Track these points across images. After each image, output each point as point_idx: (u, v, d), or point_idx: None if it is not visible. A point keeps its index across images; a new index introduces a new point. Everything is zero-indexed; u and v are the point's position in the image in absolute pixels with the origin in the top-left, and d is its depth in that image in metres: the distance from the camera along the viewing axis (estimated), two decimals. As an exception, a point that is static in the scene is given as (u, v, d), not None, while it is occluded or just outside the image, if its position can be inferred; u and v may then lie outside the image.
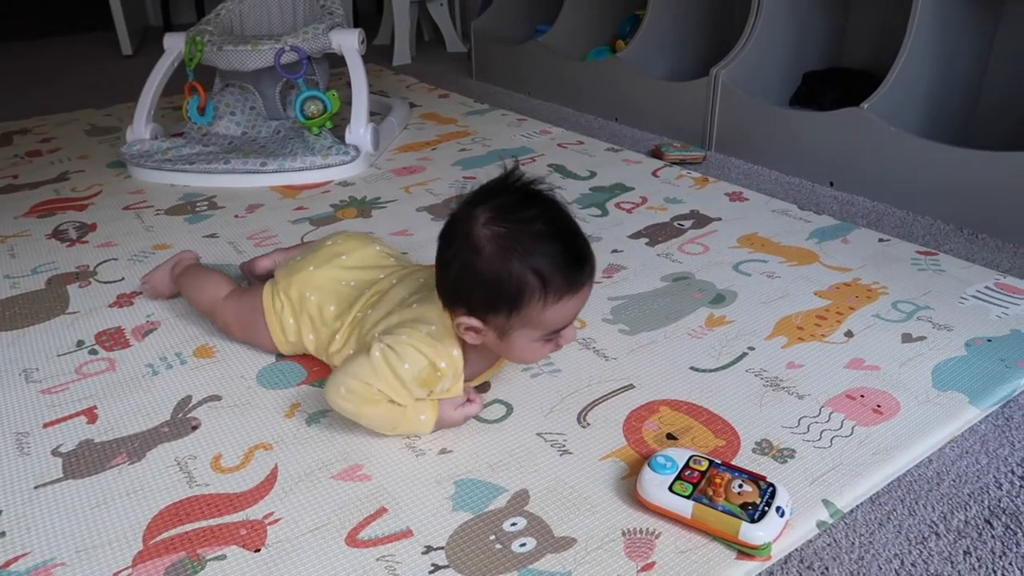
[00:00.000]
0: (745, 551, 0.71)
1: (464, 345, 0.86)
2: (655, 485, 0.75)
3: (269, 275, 1.08)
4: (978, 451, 0.85)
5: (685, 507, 0.73)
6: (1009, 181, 1.29)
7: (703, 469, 0.76)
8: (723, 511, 0.72)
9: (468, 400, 0.89)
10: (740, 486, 0.74)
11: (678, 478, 0.75)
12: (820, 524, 0.75)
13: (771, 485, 0.75)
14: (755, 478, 0.75)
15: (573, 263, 0.80)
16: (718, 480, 0.75)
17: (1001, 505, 0.77)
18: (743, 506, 0.72)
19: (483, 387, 0.96)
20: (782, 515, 0.72)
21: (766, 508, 0.72)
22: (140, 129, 1.80)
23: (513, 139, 1.91)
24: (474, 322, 0.82)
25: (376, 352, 0.83)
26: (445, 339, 0.85)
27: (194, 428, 0.92)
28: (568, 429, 0.88)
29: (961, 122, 1.65)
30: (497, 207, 0.80)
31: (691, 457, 0.78)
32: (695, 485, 0.75)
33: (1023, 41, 1.57)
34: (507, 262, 0.78)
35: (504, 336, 0.83)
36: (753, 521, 0.71)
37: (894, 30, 1.52)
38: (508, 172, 0.83)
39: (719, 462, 0.78)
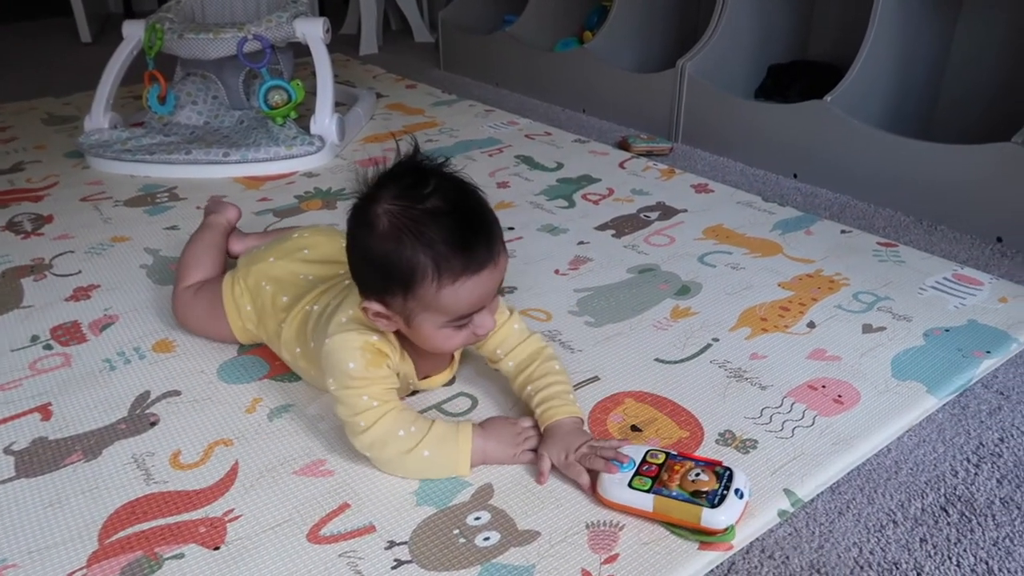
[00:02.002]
0: (709, 539, 0.72)
1: (402, 338, 0.84)
2: (614, 483, 0.75)
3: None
4: (935, 439, 0.86)
5: (646, 501, 0.73)
6: (967, 174, 1.32)
7: (660, 462, 0.77)
8: (683, 500, 0.72)
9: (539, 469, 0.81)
10: (697, 474, 0.74)
11: (636, 473, 0.76)
12: (781, 513, 0.76)
13: (728, 469, 0.75)
14: (711, 464, 0.76)
15: (468, 242, 0.75)
16: (676, 470, 0.75)
17: (957, 492, 0.79)
18: (702, 493, 0.73)
19: (450, 380, 0.95)
20: (741, 497, 0.73)
21: (725, 492, 0.73)
22: (99, 118, 1.76)
23: (480, 130, 1.90)
24: (377, 306, 0.79)
25: (332, 387, 0.81)
26: (363, 326, 0.82)
27: (152, 424, 0.90)
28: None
29: (922, 116, 1.68)
30: (396, 187, 0.76)
31: (648, 451, 0.78)
32: (654, 479, 0.75)
33: (982, 37, 1.60)
34: (397, 241, 0.74)
35: (409, 322, 0.78)
36: (714, 506, 0.71)
37: (858, 24, 1.53)
38: (411, 152, 0.79)
39: (675, 453, 0.78)
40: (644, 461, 0.77)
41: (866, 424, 0.87)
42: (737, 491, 0.73)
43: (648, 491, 0.74)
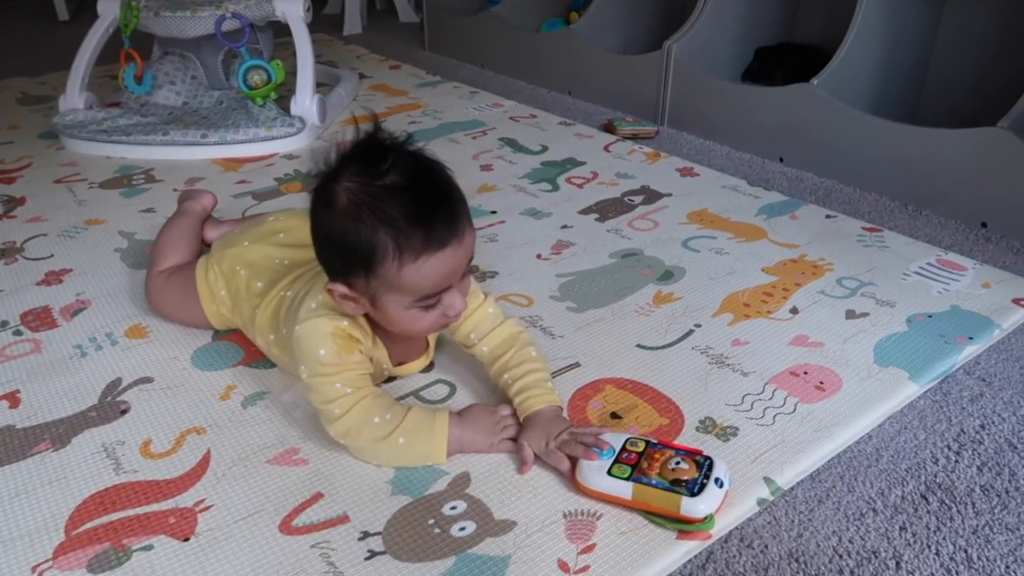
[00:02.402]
0: (688, 528, 0.71)
1: (374, 323, 0.82)
2: (593, 471, 0.74)
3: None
4: (916, 427, 0.86)
5: (625, 489, 0.72)
6: (953, 158, 1.31)
7: (640, 450, 0.76)
8: (663, 488, 0.71)
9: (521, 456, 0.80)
10: (677, 463, 0.73)
11: (616, 461, 0.75)
12: (761, 502, 0.75)
13: (708, 458, 0.74)
14: (692, 453, 0.75)
15: (429, 217, 0.72)
16: (656, 458, 0.74)
17: (937, 480, 0.78)
18: (682, 481, 0.72)
19: (427, 367, 0.94)
20: (721, 486, 0.72)
21: (704, 481, 0.72)
22: (74, 98, 1.72)
23: (465, 112, 1.87)
24: (342, 288, 0.77)
25: (304, 375, 0.79)
26: (333, 311, 0.80)
27: (123, 412, 0.88)
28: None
29: (908, 100, 1.66)
30: (356, 164, 0.74)
31: (628, 440, 0.77)
32: (633, 466, 0.74)
33: (969, 21, 1.58)
34: (356, 219, 0.72)
35: (375, 303, 0.76)
36: (693, 495, 0.71)
37: (845, 7, 1.51)
38: (372, 129, 0.76)
39: (655, 441, 0.77)
40: (624, 449, 0.76)
41: (847, 411, 0.86)
42: (717, 480, 0.72)
43: (627, 479, 0.73)
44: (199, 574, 0.68)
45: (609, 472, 0.74)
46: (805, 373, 0.92)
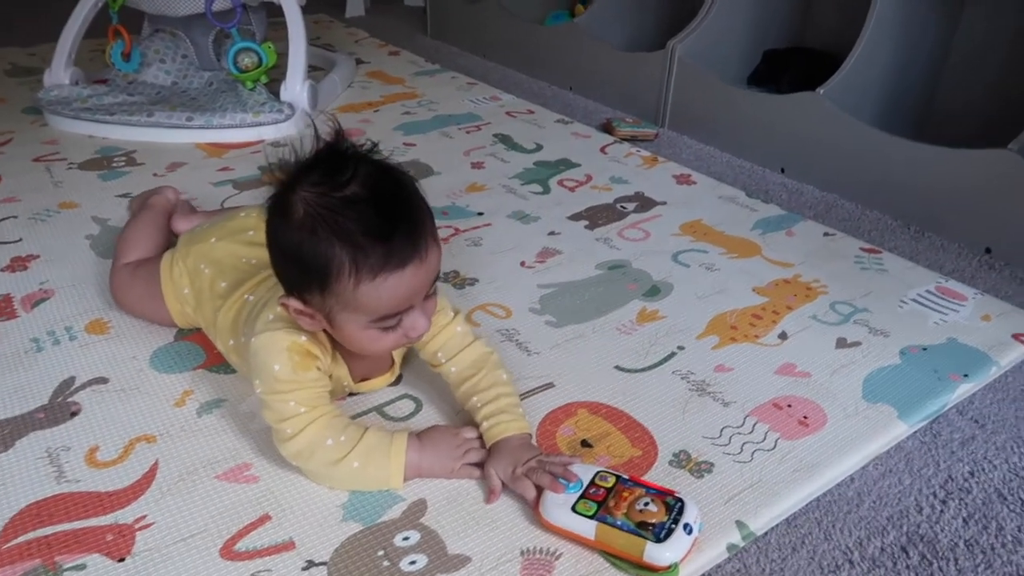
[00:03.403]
0: (651, 574, 0.67)
1: (332, 338, 0.77)
2: (557, 505, 0.70)
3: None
4: (902, 470, 0.81)
5: (588, 528, 0.68)
6: (959, 180, 1.25)
7: (609, 486, 0.72)
8: (628, 530, 0.67)
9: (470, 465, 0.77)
10: (646, 503, 0.69)
11: (583, 496, 0.70)
12: (731, 547, 0.71)
13: (679, 500, 0.70)
14: (663, 493, 0.71)
15: (390, 233, 0.67)
16: (624, 496, 0.70)
17: (920, 531, 0.74)
18: (649, 525, 0.67)
19: (395, 380, 0.90)
20: (690, 532, 0.68)
21: (673, 526, 0.67)
22: (59, 73, 1.67)
23: (461, 104, 1.82)
24: (297, 303, 0.72)
25: (258, 390, 0.75)
26: (291, 325, 0.76)
27: (73, 415, 0.84)
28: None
29: (918, 115, 1.61)
30: (316, 173, 0.69)
31: (597, 473, 0.73)
32: (600, 503, 0.70)
33: (985, 35, 1.52)
34: (312, 232, 0.67)
35: (331, 321, 0.72)
36: (659, 540, 0.66)
37: (858, 12, 1.46)
38: (335, 137, 0.72)
39: (627, 477, 0.73)
40: (592, 483, 0.72)
41: (830, 450, 0.82)
42: (686, 526, 0.68)
43: (592, 516, 0.69)
44: (130, 600, 0.64)
45: (573, 508, 0.70)
46: (789, 406, 0.88)
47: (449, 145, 1.58)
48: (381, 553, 0.69)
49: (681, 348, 0.97)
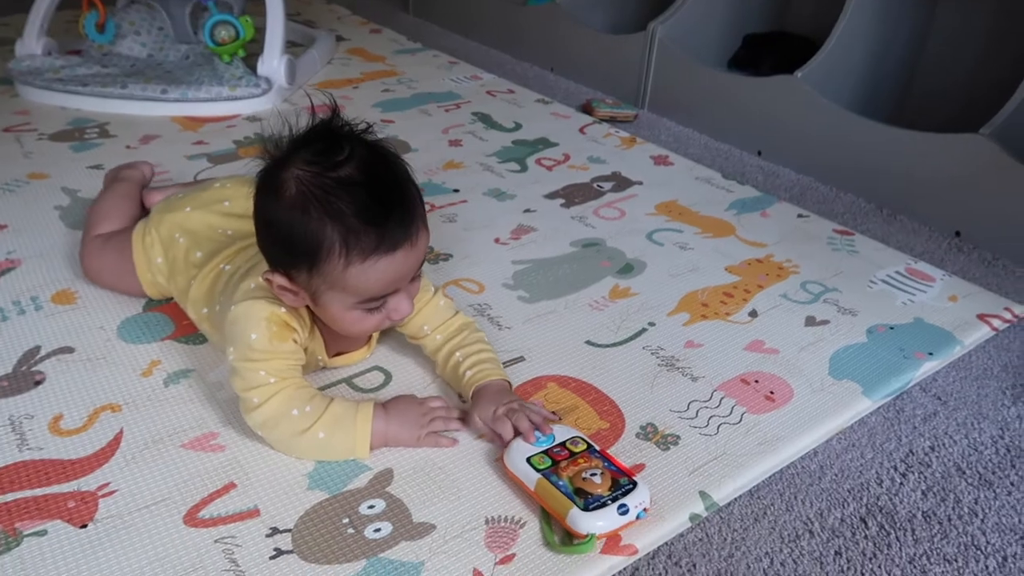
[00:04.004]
0: (570, 546, 0.67)
1: (312, 312, 0.77)
2: (518, 451, 0.73)
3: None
4: (864, 444, 0.82)
5: (531, 479, 0.70)
6: (932, 163, 1.27)
7: (577, 451, 0.73)
8: (564, 492, 0.68)
9: (437, 418, 0.77)
10: (593, 474, 0.70)
11: (545, 452, 0.72)
12: (693, 518, 0.72)
13: (633, 484, 0.70)
14: (622, 472, 0.71)
15: (382, 217, 0.69)
16: (580, 463, 0.71)
17: (879, 503, 0.75)
18: (585, 493, 0.68)
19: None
20: (624, 513, 0.67)
21: (608, 502, 0.68)
22: (31, 43, 1.64)
23: (441, 83, 1.81)
24: (281, 280, 0.72)
25: (230, 357, 0.75)
26: (272, 295, 0.75)
27: (37, 383, 0.83)
28: (448, 403, 0.83)
29: (896, 99, 1.62)
30: (309, 151, 0.70)
31: (572, 437, 0.74)
32: (556, 463, 0.71)
33: (963, 21, 1.53)
34: (304, 211, 0.68)
35: (316, 300, 0.73)
36: (586, 509, 0.67)
37: (836, -3, 1.46)
38: (329, 114, 0.73)
39: (596, 449, 0.74)
40: (563, 444, 0.74)
41: (795, 424, 0.83)
42: (622, 506, 0.67)
43: (539, 471, 0.70)
44: (91, 565, 0.64)
45: (528, 459, 0.71)
46: (756, 381, 0.89)
47: (428, 122, 1.57)
48: (346, 521, 0.69)
49: (652, 324, 0.98)
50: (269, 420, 0.73)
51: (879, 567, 0.69)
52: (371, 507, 0.70)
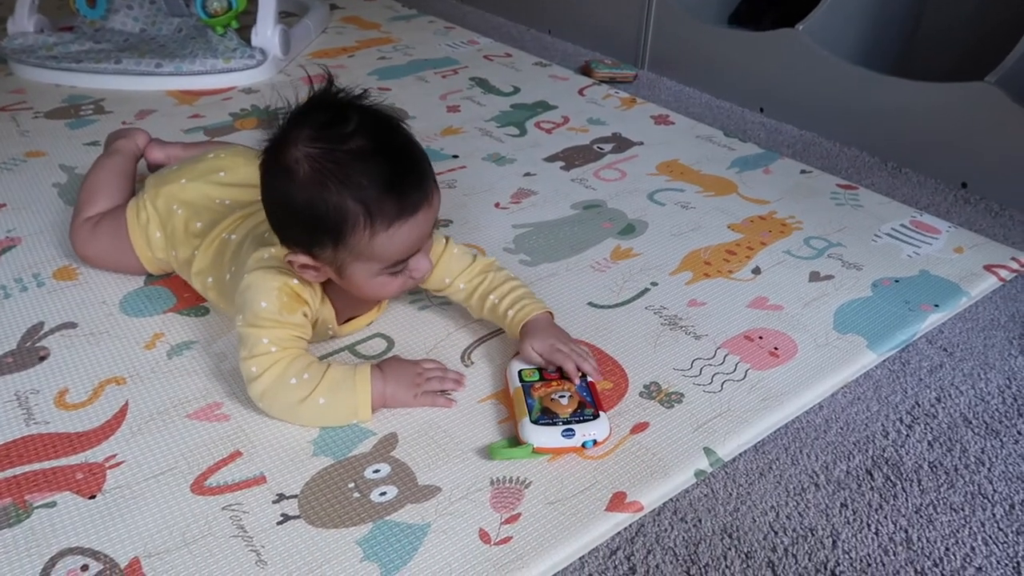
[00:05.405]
0: (512, 449, 0.71)
1: (325, 281, 0.77)
2: (518, 362, 0.79)
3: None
4: (870, 397, 0.82)
5: (513, 385, 0.77)
6: (937, 114, 1.25)
7: (575, 385, 0.77)
8: (528, 405, 0.73)
9: (435, 378, 0.79)
10: (562, 397, 0.74)
11: (540, 370, 0.78)
12: (698, 473, 0.72)
13: (596, 416, 0.73)
14: (592, 404, 0.74)
15: (400, 184, 0.69)
16: (554, 384, 0.76)
17: (885, 455, 0.75)
18: (544, 411, 0.73)
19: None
20: (569, 437, 0.71)
21: (560, 424, 0.71)
22: (23, 21, 1.63)
23: (438, 48, 1.79)
24: (304, 259, 0.73)
25: (239, 323, 0.75)
26: (285, 266, 0.76)
27: (42, 359, 0.84)
28: (450, 368, 0.82)
29: (899, 51, 1.58)
30: (313, 126, 0.69)
31: (587, 378, 0.78)
32: (542, 381, 0.77)
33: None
34: (322, 188, 0.68)
35: (341, 272, 0.74)
36: (533, 423, 0.71)
37: (838, -54, 1.43)
38: (326, 86, 0.72)
39: (586, 384, 0.77)
40: (560, 371, 0.78)
41: (799, 379, 0.82)
42: (568, 430, 0.71)
43: (522, 382, 0.76)
44: (100, 534, 0.65)
45: (520, 371, 0.78)
46: (760, 338, 0.88)
47: (425, 89, 1.56)
48: (352, 485, 0.69)
49: (654, 284, 0.97)
50: (268, 391, 0.73)
51: (885, 517, 0.69)
52: (376, 471, 0.71)
